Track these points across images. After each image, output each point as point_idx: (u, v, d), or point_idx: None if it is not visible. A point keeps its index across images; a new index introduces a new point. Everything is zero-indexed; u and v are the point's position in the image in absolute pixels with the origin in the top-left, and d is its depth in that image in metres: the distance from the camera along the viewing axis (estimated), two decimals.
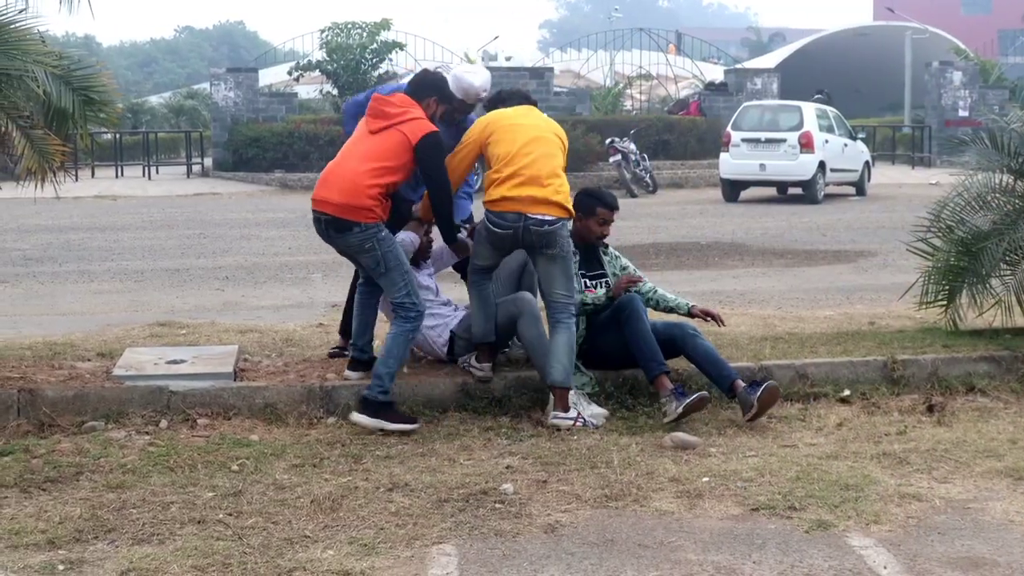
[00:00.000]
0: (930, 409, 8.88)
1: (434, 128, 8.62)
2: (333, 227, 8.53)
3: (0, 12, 8.87)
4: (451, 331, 9.21)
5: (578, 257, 9.04)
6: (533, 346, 8.77)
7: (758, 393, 8.42)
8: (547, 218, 8.59)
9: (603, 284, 9.14)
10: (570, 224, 8.84)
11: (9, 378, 8.91)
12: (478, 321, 8.97)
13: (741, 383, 8.60)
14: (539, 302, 9.02)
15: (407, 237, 9.00)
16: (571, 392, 8.60)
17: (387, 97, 8.73)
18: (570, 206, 8.78)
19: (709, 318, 9.30)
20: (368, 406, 8.31)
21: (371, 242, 8.45)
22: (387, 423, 8.26)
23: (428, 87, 8.89)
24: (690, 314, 9.32)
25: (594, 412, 8.59)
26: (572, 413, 8.53)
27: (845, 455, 7.74)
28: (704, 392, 8.55)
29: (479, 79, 9.07)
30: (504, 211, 8.58)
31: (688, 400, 8.38)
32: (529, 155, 8.65)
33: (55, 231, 23.23)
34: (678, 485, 7.10)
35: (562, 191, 8.71)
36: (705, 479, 7.20)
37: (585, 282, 9.08)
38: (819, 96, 40.10)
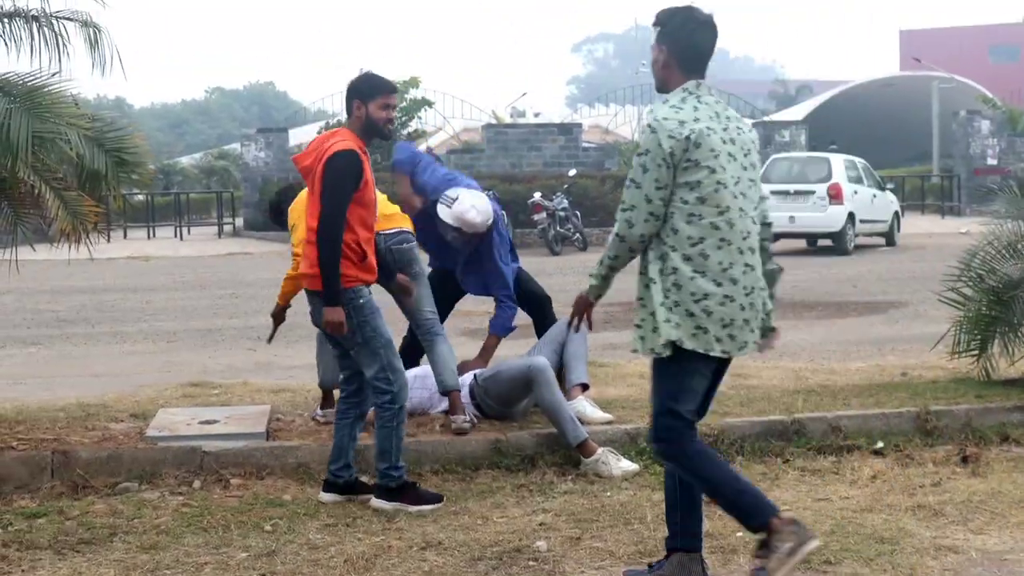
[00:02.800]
0: (964, 460, 8.83)
1: (344, 148, 7.74)
2: (310, 299, 8.05)
3: (33, 75, 8.94)
4: (472, 382, 9.30)
5: None
6: (553, 410, 8.82)
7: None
8: (404, 230, 9.13)
9: None
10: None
11: (43, 440, 8.94)
12: (326, 369, 9.55)
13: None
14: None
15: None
16: (599, 448, 8.62)
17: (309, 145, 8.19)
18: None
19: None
20: (384, 492, 7.99)
21: (346, 308, 7.80)
22: (407, 505, 7.89)
23: (349, 94, 7.99)
24: None
25: (624, 467, 8.58)
26: (467, 416, 9.08)
27: (880, 508, 7.69)
28: None
29: (479, 217, 9.40)
30: None
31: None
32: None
33: (88, 292, 23.36)
34: (712, 540, 7.06)
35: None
36: (739, 534, 7.15)
37: None
38: (833, 147, 40.04)
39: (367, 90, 7.94)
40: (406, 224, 9.16)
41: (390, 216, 9.08)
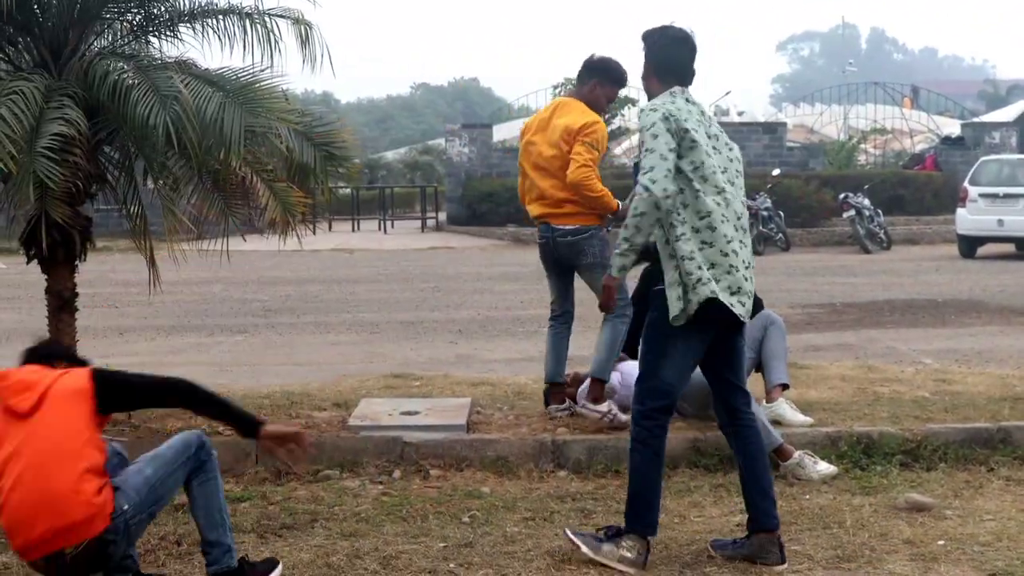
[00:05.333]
0: None
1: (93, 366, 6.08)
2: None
3: (245, 71, 9.14)
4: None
5: None
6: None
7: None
8: (568, 227, 9.19)
9: None
10: (600, 232, 9.26)
11: None
12: (548, 361, 9.58)
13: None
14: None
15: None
16: (796, 452, 8.51)
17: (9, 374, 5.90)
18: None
19: None
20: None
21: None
22: None
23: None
24: None
25: (821, 470, 8.46)
26: (603, 407, 9.02)
27: None
28: None
29: None
30: (538, 224, 9.40)
31: None
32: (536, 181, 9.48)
33: (294, 283, 23.80)
34: (912, 548, 6.95)
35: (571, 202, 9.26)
36: (940, 542, 7.03)
37: None
38: None
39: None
40: (584, 221, 9.21)
41: (571, 214, 9.23)
